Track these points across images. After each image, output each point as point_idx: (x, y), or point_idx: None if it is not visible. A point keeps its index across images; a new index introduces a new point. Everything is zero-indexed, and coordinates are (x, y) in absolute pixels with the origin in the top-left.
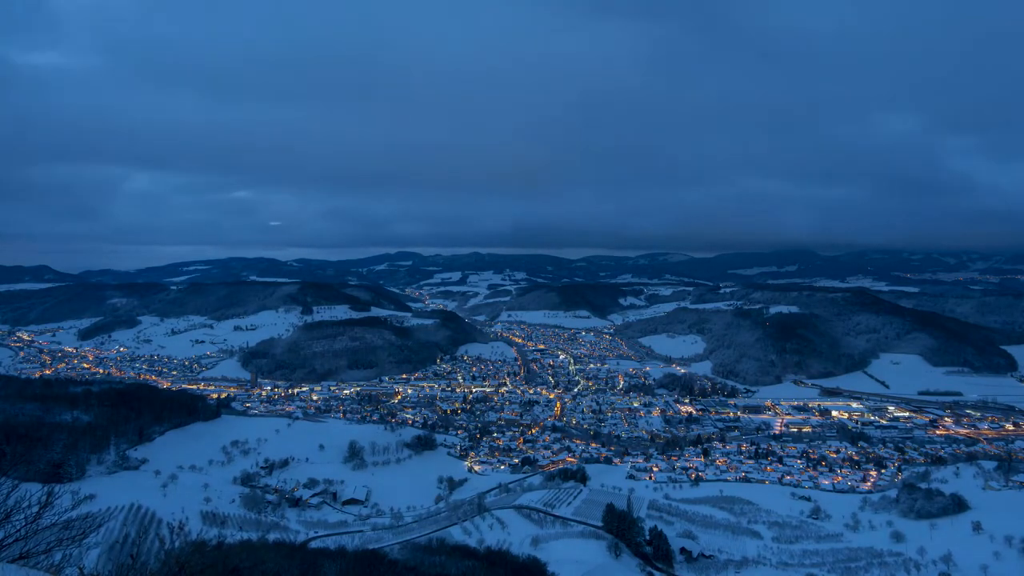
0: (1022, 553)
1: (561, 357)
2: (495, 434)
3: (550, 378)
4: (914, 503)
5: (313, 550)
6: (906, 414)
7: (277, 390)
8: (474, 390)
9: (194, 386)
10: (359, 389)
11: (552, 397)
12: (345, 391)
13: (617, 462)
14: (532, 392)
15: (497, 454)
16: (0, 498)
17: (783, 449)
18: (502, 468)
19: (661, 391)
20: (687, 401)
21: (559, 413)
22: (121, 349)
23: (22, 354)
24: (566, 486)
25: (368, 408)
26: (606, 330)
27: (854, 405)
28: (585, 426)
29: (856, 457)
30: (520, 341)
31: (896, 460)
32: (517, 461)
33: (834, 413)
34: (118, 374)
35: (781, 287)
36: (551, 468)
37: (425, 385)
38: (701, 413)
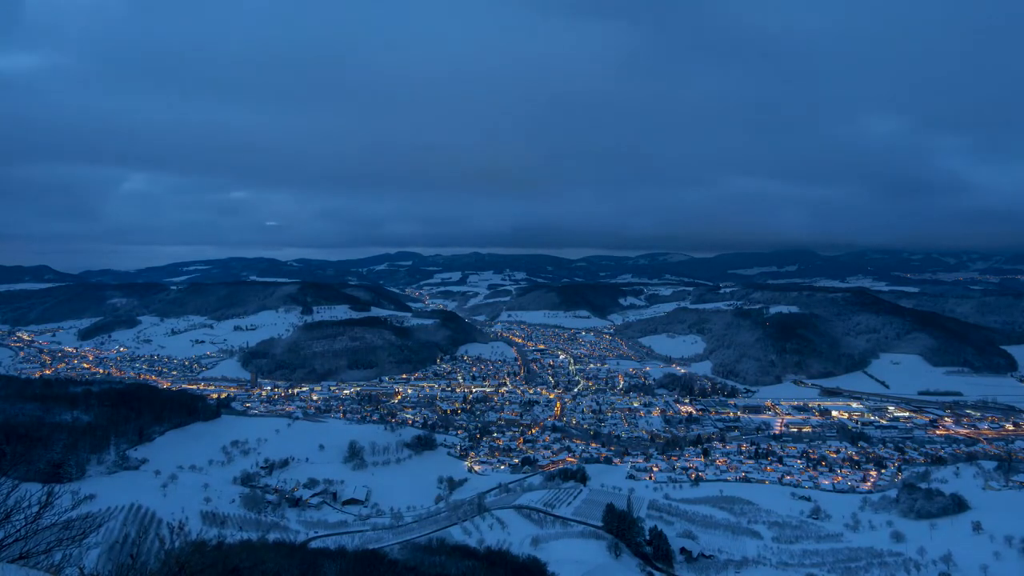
0: (1022, 553)
1: (561, 357)
2: (495, 434)
3: (550, 378)
4: (914, 503)
5: (313, 550)
6: (906, 414)
7: (277, 390)
8: (474, 390)
9: (194, 386)
10: (359, 389)
11: (552, 397)
12: (345, 391)
13: (617, 462)
14: (532, 392)
15: (497, 454)
16: (0, 498)
17: (783, 449)
18: (502, 468)
19: (661, 391)
20: (687, 401)
21: (559, 413)
22: (121, 349)
23: (22, 354)
24: (566, 486)
25: (368, 408)
26: (606, 330)
27: (854, 405)
28: (585, 426)
29: (856, 457)
30: (520, 341)
31: (896, 460)
32: (517, 461)
33: (834, 413)
34: (118, 374)
35: (781, 287)
36: (551, 468)
37: (425, 385)
38: (701, 413)
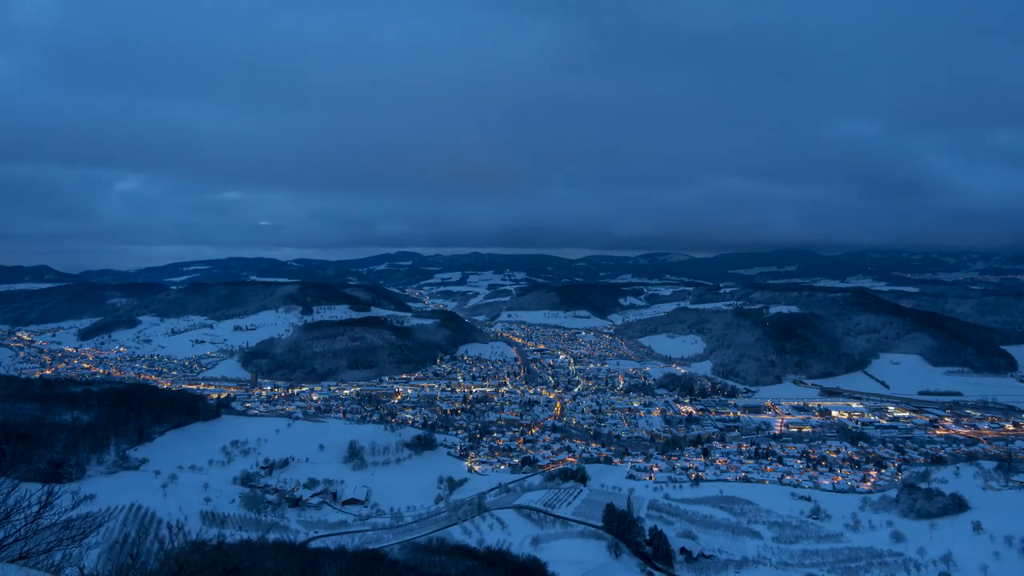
0: (1022, 553)
1: (561, 357)
2: (495, 434)
3: (550, 378)
4: (914, 503)
5: (313, 550)
6: (906, 414)
7: (277, 390)
8: (474, 390)
9: (194, 386)
10: (359, 389)
11: (552, 397)
12: (345, 391)
13: (617, 462)
14: (532, 392)
15: (497, 454)
16: (0, 498)
17: (783, 449)
18: (502, 468)
19: (661, 391)
20: (687, 401)
21: (559, 413)
22: (121, 349)
23: (22, 354)
24: (566, 486)
25: (368, 408)
26: (606, 330)
27: (854, 405)
28: (585, 426)
29: (856, 457)
30: (520, 341)
31: (896, 460)
32: (517, 461)
33: (834, 413)
34: (118, 374)
35: (781, 287)
36: (551, 468)
37: (425, 385)
38: (701, 413)
